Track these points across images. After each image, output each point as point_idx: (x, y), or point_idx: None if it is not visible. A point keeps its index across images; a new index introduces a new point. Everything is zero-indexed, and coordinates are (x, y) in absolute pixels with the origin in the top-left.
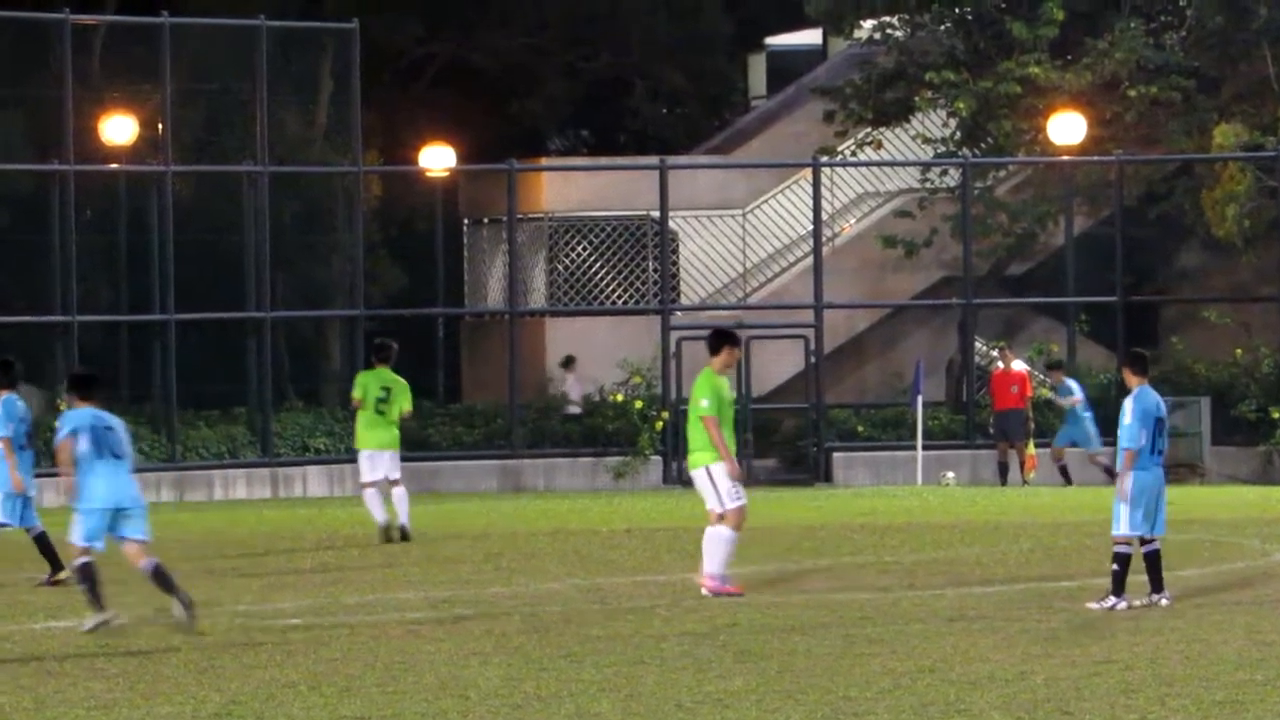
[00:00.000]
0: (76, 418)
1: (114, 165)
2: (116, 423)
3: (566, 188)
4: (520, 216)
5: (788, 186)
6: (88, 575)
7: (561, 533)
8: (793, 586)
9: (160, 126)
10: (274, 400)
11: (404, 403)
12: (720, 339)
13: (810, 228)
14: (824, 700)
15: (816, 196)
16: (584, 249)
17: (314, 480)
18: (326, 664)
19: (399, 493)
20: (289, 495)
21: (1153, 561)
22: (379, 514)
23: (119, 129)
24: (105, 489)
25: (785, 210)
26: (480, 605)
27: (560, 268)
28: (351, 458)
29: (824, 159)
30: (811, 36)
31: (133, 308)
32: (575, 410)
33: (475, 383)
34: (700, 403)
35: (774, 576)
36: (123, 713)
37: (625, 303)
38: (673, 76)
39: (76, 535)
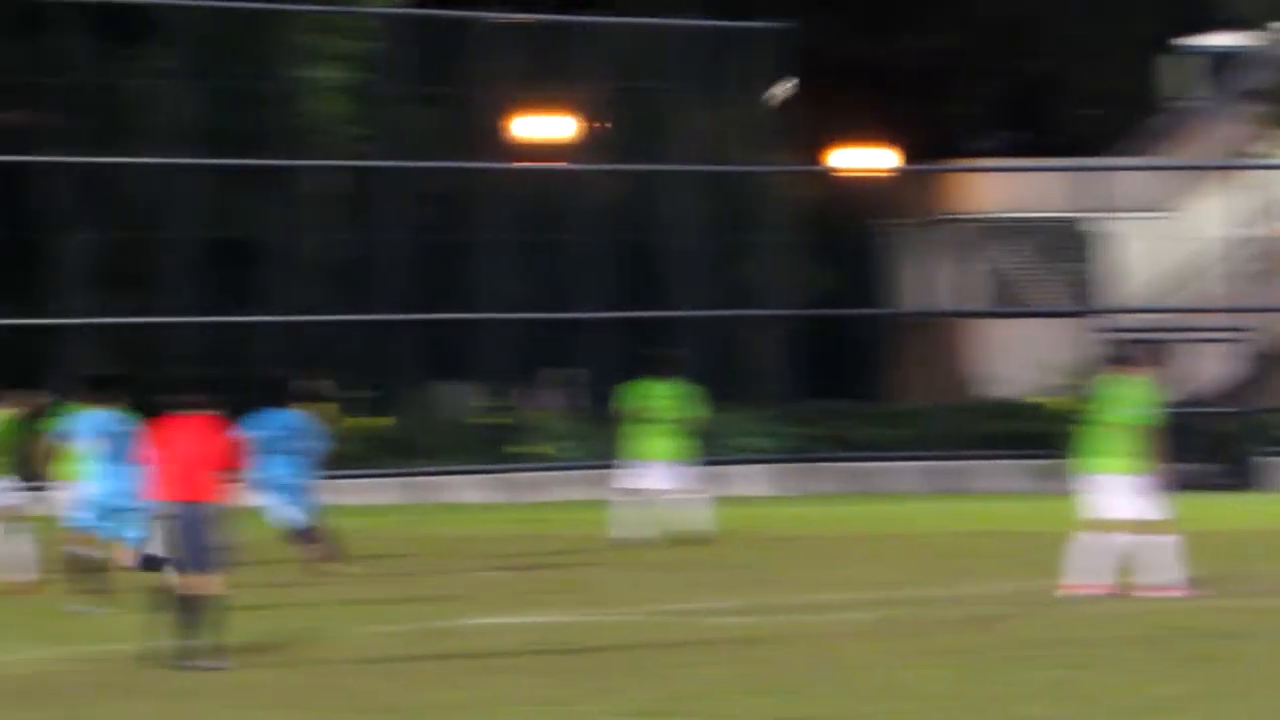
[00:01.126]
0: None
1: (535, 164)
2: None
3: (994, 189)
4: (947, 217)
5: (1218, 189)
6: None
7: (996, 534)
8: (1236, 591)
9: (581, 126)
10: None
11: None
12: (1156, 352)
13: (1241, 230)
14: (1273, 706)
15: (1247, 199)
16: (1012, 250)
17: (752, 479)
18: (760, 664)
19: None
20: (725, 494)
21: None
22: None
23: (540, 128)
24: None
25: (1215, 212)
26: (918, 607)
27: (987, 269)
28: (792, 457)
29: (1254, 161)
30: (1242, 37)
31: (553, 306)
32: None
33: (901, 383)
34: (1150, 412)
35: (1217, 581)
36: (564, 710)
37: (1053, 305)
38: (1100, 77)
39: None
